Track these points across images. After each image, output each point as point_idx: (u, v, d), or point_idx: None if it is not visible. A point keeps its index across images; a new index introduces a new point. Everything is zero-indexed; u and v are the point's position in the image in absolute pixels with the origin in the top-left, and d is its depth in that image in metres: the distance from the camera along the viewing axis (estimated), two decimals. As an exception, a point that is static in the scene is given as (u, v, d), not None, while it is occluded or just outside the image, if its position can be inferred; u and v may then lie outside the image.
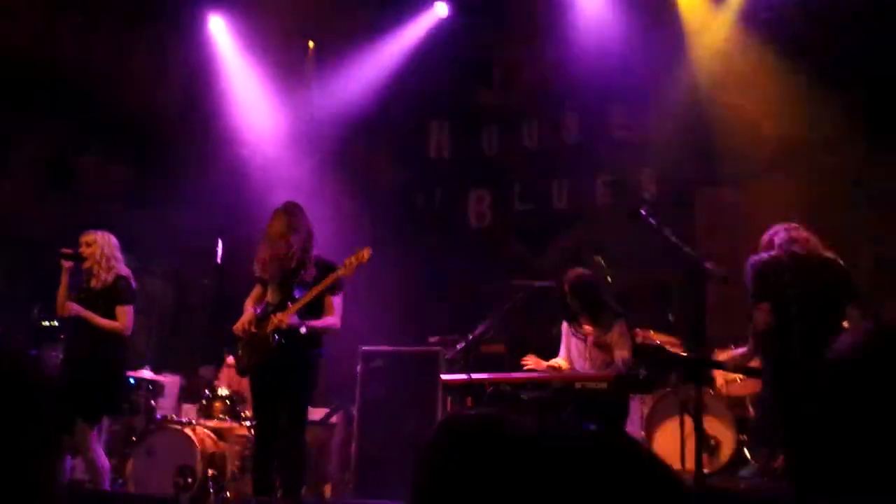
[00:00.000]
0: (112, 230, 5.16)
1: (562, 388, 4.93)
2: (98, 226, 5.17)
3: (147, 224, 7.92)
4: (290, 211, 4.67)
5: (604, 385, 4.87)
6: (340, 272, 4.55)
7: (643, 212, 4.45)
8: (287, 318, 4.44)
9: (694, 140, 7.45)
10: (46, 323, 6.02)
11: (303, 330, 4.49)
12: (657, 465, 0.78)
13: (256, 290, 4.75)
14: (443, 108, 8.70)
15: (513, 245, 8.13)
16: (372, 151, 9.07)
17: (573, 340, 5.37)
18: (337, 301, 4.64)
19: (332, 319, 4.61)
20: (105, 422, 5.35)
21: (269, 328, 4.47)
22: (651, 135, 7.72)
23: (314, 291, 4.52)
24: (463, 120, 8.68)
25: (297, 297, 4.53)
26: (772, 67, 7.15)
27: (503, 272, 6.68)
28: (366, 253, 4.56)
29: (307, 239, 4.63)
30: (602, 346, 5.26)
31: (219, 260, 7.86)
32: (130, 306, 4.92)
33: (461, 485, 0.72)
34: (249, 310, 4.66)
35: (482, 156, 8.55)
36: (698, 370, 4.29)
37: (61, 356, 5.24)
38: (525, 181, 8.25)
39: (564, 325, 5.41)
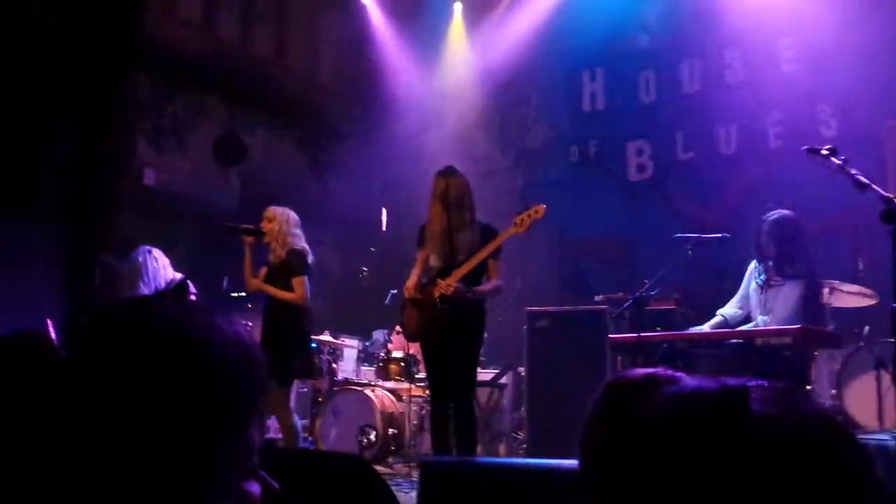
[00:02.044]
0: (281, 203, 5.31)
1: (740, 345, 4.69)
2: (272, 199, 5.35)
3: (314, 196, 8.33)
4: (451, 176, 4.62)
5: (788, 340, 4.57)
6: (513, 229, 4.50)
7: (824, 150, 4.08)
8: (453, 283, 4.46)
9: (876, 69, 6.76)
10: (235, 294, 6.45)
11: (469, 295, 4.50)
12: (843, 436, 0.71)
13: (421, 256, 4.77)
14: (595, 57, 8.44)
15: (678, 196, 7.81)
16: (523, 106, 8.99)
17: (754, 284, 5.04)
18: (499, 264, 4.62)
19: (496, 283, 4.60)
20: (294, 385, 5.70)
21: (436, 294, 4.50)
22: (826, 67, 7.08)
23: (479, 256, 4.49)
24: (617, 67, 8.37)
25: (461, 261, 4.55)
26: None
27: (669, 225, 6.43)
28: (541, 209, 4.51)
29: (469, 202, 4.61)
30: (775, 298, 4.93)
31: (384, 228, 8.16)
32: (304, 277, 5.06)
33: (628, 444, 0.71)
34: (413, 275, 4.73)
35: (639, 104, 8.23)
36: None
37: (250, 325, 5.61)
38: (687, 128, 7.86)
39: (752, 264, 5.05)
